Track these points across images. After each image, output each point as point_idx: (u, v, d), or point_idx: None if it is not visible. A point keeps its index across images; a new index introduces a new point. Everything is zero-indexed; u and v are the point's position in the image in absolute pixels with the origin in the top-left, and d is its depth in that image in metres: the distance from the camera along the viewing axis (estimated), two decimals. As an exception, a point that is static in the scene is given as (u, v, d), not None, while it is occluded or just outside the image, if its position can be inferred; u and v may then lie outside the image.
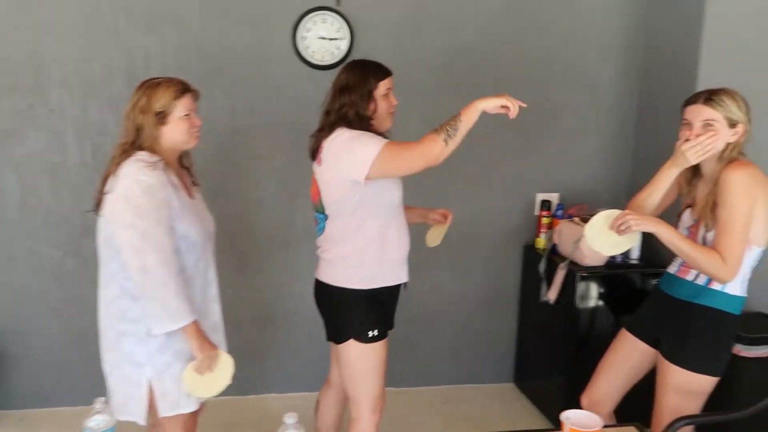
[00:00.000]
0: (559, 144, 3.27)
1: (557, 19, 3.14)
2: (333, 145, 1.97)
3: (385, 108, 2.05)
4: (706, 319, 1.95)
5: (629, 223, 1.85)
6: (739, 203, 1.81)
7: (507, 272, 3.36)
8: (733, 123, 1.87)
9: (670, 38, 3.01)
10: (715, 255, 1.82)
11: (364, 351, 2.08)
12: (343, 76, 2.04)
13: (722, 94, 1.88)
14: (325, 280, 2.14)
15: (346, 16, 2.95)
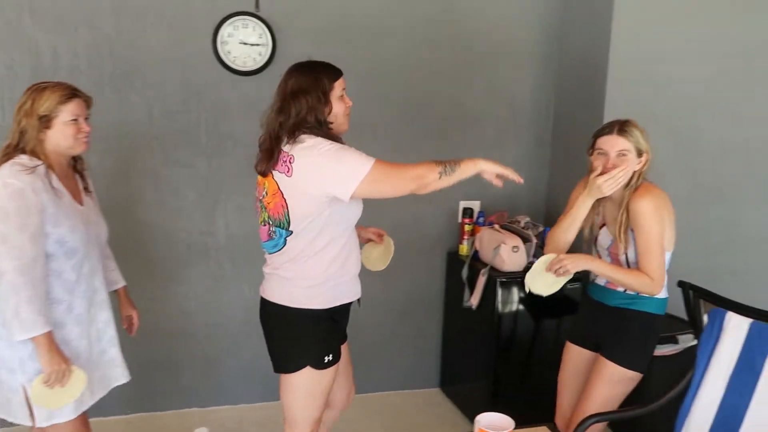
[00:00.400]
0: (480, 153, 3.28)
1: (479, 32, 3.22)
2: (310, 156, 1.78)
3: (342, 110, 1.91)
4: (639, 323, 2.12)
5: (567, 267, 1.99)
6: (653, 228, 1.98)
7: (432, 279, 3.40)
8: (640, 152, 2.03)
9: (582, 55, 3.16)
10: (643, 276, 2.00)
11: (317, 377, 1.95)
12: (293, 80, 1.87)
13: (631, 125, 2.04)
14: (279, 301, 1.94)
15: (268, 21, 2.92)
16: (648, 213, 1.98)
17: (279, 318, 1.95)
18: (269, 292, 1.98)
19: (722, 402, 1.71)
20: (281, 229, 1.87)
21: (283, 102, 1.85)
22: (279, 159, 1.82)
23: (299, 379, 1.95)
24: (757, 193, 3.28)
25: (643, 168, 2.05)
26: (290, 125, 1.82)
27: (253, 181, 3.03)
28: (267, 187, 1.88)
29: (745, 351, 1.70)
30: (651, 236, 1.98)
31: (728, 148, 3.19)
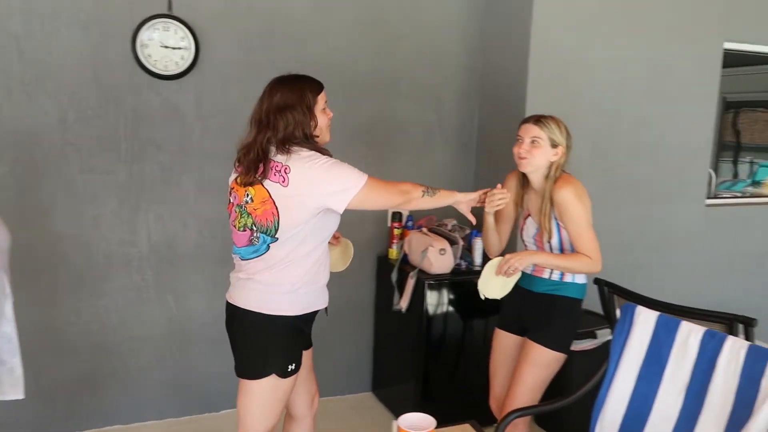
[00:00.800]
0: (407, 157, 3.41)
1: (404, 39, 3.28)
2: (308, 168, 1.83)
3: (325, 122, 1.97)
4: (563, 307, 2.26)
5: (515, 265, 2.11)
6: (579, 213, 2.14)
7: (362, 283, 3.42)
8: (554, 144, 2.17)
9: (503, 64, 3.28)
10: (583, 257, 2.14)
11: (279, 385, 1.95)
12: (277, 94, 1.89)
13: (549, 118, 2.21)
14: (251, 308, 1.93)
15: (191, 25, 2.86)
16: (571, 199, 2.12)
17: (249, 324, 1.95)
18: (241, 298, 1.97)
19: (634, 392, 1.82)
20: (266, 235, 1.89)
21: (268, 117, 1.88)
22: (271, 169, 1.85)
23: (262, 386, 1.94)
24: (664, 193, 3.51)
25: (560, 160, 2.18)
26: (279, 140, 1.86)
27: (178, 188, 2.99)
28: (253, 194, 1.88)
29: (653, 343, 1.81)
30: (579, 220, 2.13)
31: (638, 150, 3.40)
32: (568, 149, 2.21)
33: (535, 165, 2.18)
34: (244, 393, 1.99)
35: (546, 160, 2.18)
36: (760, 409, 1.54)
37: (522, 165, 2.19)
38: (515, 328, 2.37)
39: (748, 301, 3.76)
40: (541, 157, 2.17)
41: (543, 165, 2.19)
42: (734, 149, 4.27)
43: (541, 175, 2.21)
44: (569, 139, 2.21)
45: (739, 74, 3.99)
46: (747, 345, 1.64)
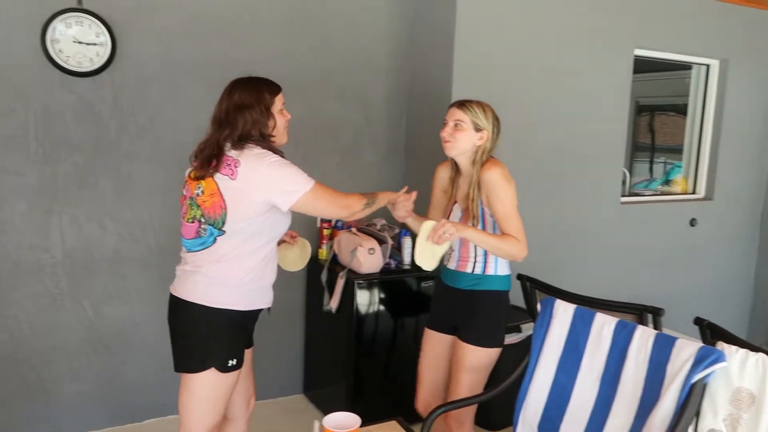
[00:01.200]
0: (336, 158, 3.40)
1: (334, 41, 3.27)
2: (257, 164, 1.87)
3: (283, 123, 2.01)
4: (488, 301, 2.24)
5: (450, 231, 2.04)
6: (507, 194, 2.13)
7: (292, 284, 3.39)
8: (478, 128, 2.17)
9: (429, 65, 3.33)
10: (511, 238, 2.12)
11: (220, 381, 1.94)
12: (236, 95, 1.94)
13: (474, 103, 2.20)
14: (196, 300, 1.94)
15: (107, 20, 2.74)
16: (499, 179, 2.12)
17: (193, 317, 1.95)
18: (185, 290, 1.97)
19: (554, 382, 1.90)
20: (214, 228, 1.91)
21: (227, 116, 1.93)
22: (223, 163, 1.89)
23: (201, 381, 1.93)
24: (581, 192, 3.67)
25: (485, 144, 2.17)
26: (236, 138, 1.90)
27: (94, 189, 2.86)
28: (204, 186, 1.92)
29: (570, 334, 1.90)
30: (507, 201, 2.12)
31: (557, 151, 3.54)
32: (496, 135, 2.20)
33: (459, 148, 2.17)
34: (184, 389, 1.97)
35: (470, 144, 2.17)
36: (666, 393, 1.65)
37: (446, 148, 2.19)
38: (445, 327, 2.36)
39: (659, 292, 4.01)
40: (464, 140, 2.16)
41: (468, 149, 2.17)
42: (649, 150, 4.55)
43: (467, 160, 2.20)
44: (497, 125, 2.21)
45: (649, 79, 4.26)
46: (655, 333, 1.74)
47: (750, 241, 4.44)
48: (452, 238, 2.06)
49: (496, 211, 2.14)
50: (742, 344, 1.65)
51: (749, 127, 4.26)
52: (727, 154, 4.19)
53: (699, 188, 4.25)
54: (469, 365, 2.21)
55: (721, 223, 4.26)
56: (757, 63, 4.17)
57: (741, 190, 4.31)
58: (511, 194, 2.15)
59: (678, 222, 4.09)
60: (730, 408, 1.60)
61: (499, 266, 2.25)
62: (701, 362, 1.60)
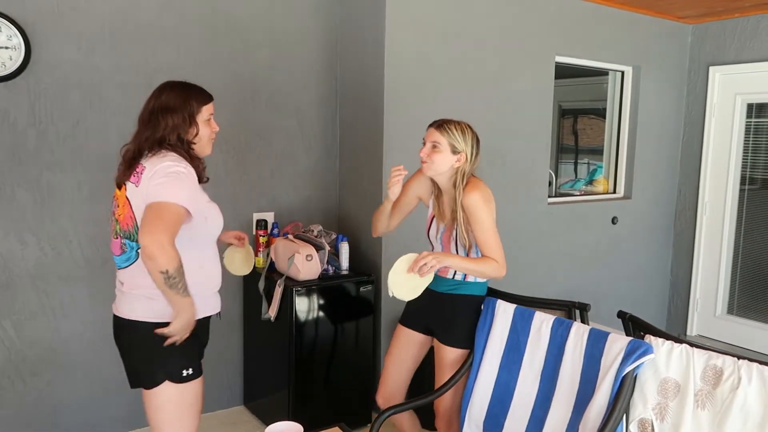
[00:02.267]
0: (270, 164, 3.36)
1: (260, 46, 3.23)
2: (155, 168, 1.80)
3: (207, 134, 1.96)
4: (466, 305, 2.28)
5: (432, 263, 2.03)
6: (486, 217, 2.15)
7: (229, 294, 3.31)
8: (455, 150, 2.17)
9: (360, 70, 3.35)
10: (491, 261, 2.14)
11: (180, 392, 1.88)
12: (163, 96, 1.90)
13: (453, 124, 2.19)
14: (134, 317, 1.88)
15: (20, 23, 2.59)
16: (478, 204, 2.13)
17: (134, 333, 1.90)
18: (124, 309, 1.92)
19: (497, 380, 1.96)
20: (131, 241, 1.86)
21: (151, 116, 1.89)
22: (132, 170, 1.85)
23: (160, 396, 1.89)
24: (511, 193, 3.80)
25: (464, 166, 2.18)
26: (154, 140, 1.86)
27: (11, 202, 2.69)
28: (118, 198, 1.88)
29: (512, 333, 1.97)
30: (485, 225, 2.14)
31: (486, 154, 3.62)
32: (475, 156, 2.21)
33: (436, 170, 2.17)
34: (148, 407, 1.92)
35: (447, 166, 2.17)
36: (600, 386, 1.74)
37: (423, 168, 2.20)
38: (419, 326, 2.38)
39: (585, 288, 4.21)
40: (441, 162, 2.16)
41: (445, 171, 2.18)
42: (573, 152, 4.76)
43: (446, 180, 2.21)
44: (476, 147, 2.21)
45: (571, 84, 4.46)
46: (589, 329, 1.84)
47: (666, 237, 4.74)
48: (434, 270, 2.06)
49: (476, 235, 2.17)
50: (667, 336, 1.77)
51: (662, 130, 4.55)
52: (642, 155, 4.45)
53: (619, 188, 4.49)
54: (449, 364, 2.26)
55: (640, 221, 4.53)
56: (666, 69, 4.47)
57: (656, 189, 4.60)
58: (490, 217, 2.16)
59: (601, 220, 4.31)
60: (658, 397, 1.70)
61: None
62: (631, 355, 1.70)
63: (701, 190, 4.56)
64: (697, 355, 1.67)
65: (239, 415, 3.37)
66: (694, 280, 4.64)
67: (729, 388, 1.59)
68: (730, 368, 1.61)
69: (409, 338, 2.41)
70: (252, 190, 3.31)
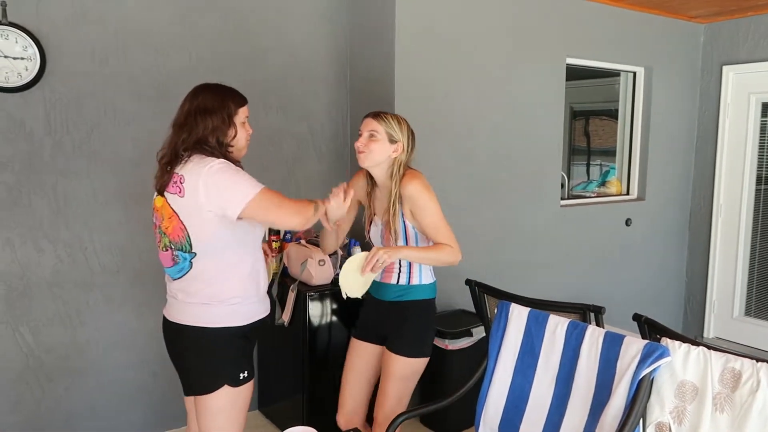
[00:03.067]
0: (281, 170, 3.38)
1: (271, 52, 3.24)
2: (201, 174, 1.77)
3: (244, 136, 1.95)
4: (416, 311, 2.24)
5: (384, 258, 2.03)
6: (431, 204, 2.12)
7: (241, 300, 3.32)
8: (393, 140, 2.15)
9: (370, 75, 3.36)
10: (446, 247, 2.13)
11: (235, 395, 1.91)
12: (200, 98, 1.88)
13: (389, 114, 2.18)
14: (188, 321, 1.88)
15: (35, 33, 2.62)
16: (422, 192, 2.10)
17: (192, 340, 1.90)
18: (180, 315, 1.91)
19: (511, 384, 1.95)
20: (184, 252, 1.85)
21: (187, 118, 1.86)
22: (170, 180, 1.82)
23: (217, 401, 1.90)
24: (523, 195, 3.79)
25: (401, 157, 2.15)
26: (191, 142, 1.83)
27: (29, 210, 2.72)
28: (161, 212, 1.87)
29: (526, 336, 1.96)
30: (433, 211, 2.11)
31: (498, 156, 3.64)
32: (411, 148, 2.18)
33: (373, 160, 2.14)
34: (203, 412, 1.92)
35: (385, 156, 2.14)
36: (617, 389, 1.72)
37: (360, 159, 2.15)
38: (373, 337, 2.34)
39: (599, 290, 4.18)
40: (379, 152, 2.13)
41: (382, 160, 2.14)
42: (585, 153, 4.74)
43: (383, 172, 2.18)
44: (412, 139, 2.18)
45: (582, 86, 4.44)
46: (604, 332, 1.82)
47: (681, 238, 4.70)
48: (386, 264, 2.06)
49: (425, 223, 2.13)
50: (683, 339, 1.75)
51: (675, 130, 4.51)
52: (656, 155, 4.42)
53: (632, 189, 4.46)
54: (398, 375, 2.22)
55: (654, 223, 4.49)
56: (678, 69, 4.44)
57: (670, 190, 4.56)
58: (435, 203, 2.13)
59: (615, 222, 4.28)
60: (676, 401, 1.69)
61: (424, 275, 2.25)
62: (648, 358, 1.68)
63: (716, 190, 4.52)
64: (715, 357, 1.65)
65: (254, 419, 3.38)
66: (711, 282, 4.59)
67: (748, 392, 1.57)
68: (748, 371, 1.59)
69: (365, 350, 2.36)
70: (264, 196, 3.32)
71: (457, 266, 2.30)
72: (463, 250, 2.33)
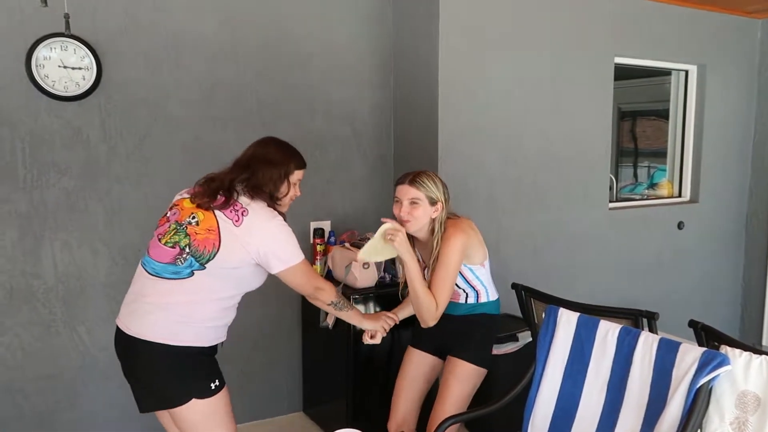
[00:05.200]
0: (326, 174, 3.40)
1: (315, 57, 3.28)
2: (265, 221, 1.92)
3: (292, 195, 2.06)
4: (482, 324, 2.31)
5: (398, 236, 2.10)
6: (452, 263, 2.15)
7: (287, 302, 3.37)
8: (433, 201, 2.19)
9: (414, 78, 3.36)
10: (432, 302, 2.14)
11: (208, 406, 1.91)
12: (268, 148, 2.02)
13: (423, 176, 2.20)
14: (153, 338, 1.86)
15: (92, 44, 2.72)
16: (453, 250, 2.14)
17: (156, 356, 1.87)
18: (142, 328, 1.87)
19: (560, 390, 1.91)
20: (196, 260, 1.87)
21: (250, 162, 1.97)
22: (231, 205, 1.91)
23: (192, 414, 1.90)
24: (570, 199, 3.71)
25: (441, 215, 2.20)
26: (250, 185, 1.94)
27: (85, 214, 2.82)
28: (201, 218, 1.90)
29: (575, 342, 1.91)
30: (450, 270, 2.14)
31: (544, 159, 3.58)
32: (447, 201, 2.22)
33: (418, 225, 2.19)
34: (181, 425, 1.93)
35: (427, 218, 2.19)
36: (673, 398, 1.67)
37: (407, 227, 2.18)
38: (431, 347, 2.38)
39: (649, 295, 4.06)
40: (422, 216, 2.17)
41: (426, 222, 2.20)
42: (633, 155, 4.62)
43: (425, 232, 2.22)
44: (446, 192, 2.23)
45: (630, 86, 4.33)
46: (658, 339, 1.76)
47: (737, 242, 4.51)
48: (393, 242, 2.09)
49: (435, 272, 2.16)
50: (744, 347, 1.68)
51: (730, 130, 4.35)
52: (709, 157, 4.27)
53: (684, 191, 4.32)
54: (459, 376, 2.25)
55: (708, 226, 4.33)
56: (733, 67, 4.27)
57: (725, 192, 4.39)
58: (456, 264, 2.16)
59: (666, 225, 4.15)
60: (737, 411, 1.62)
61: (490, 293, 2.32)
62: (706, 366, 1.62)
63: (774, 192, 4.33)
64: (778, 367, 1.58)
65: (299, 421, 3.41)
66: (769, 288, 4.40)
67: (814, 403, 1.50)
68: (814, 381, 1.51)
69: (420, 359, 2.40)
70: (309, 200, 3.36)
71: (502, 270, 2.29)
72: (508, 254, 2.32)
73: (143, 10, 2.84)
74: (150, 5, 2.85)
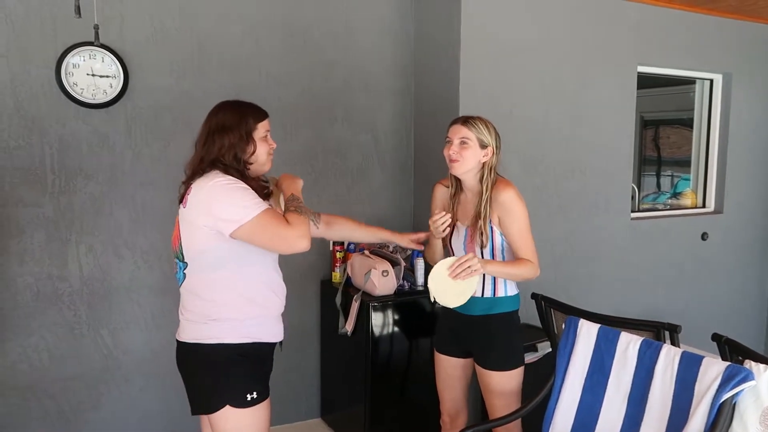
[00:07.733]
0: (347, 181, 3.42)
1: (336, 64, 3.31)
2: (205, 188, 1.77)
3: (265, 150, 1.90)
4: (502, 324, 2.23)
5: (476, 267, 2.00)
6: (523, 214, 2.14)
7: (306, 308, 3.39)
8: (483, 144, 2.15)
9: (435, 86, 3.37)
10: (528, 263, 2.12)
11: (242, 417, 1.81)
12: (219, 115, 1.87)
13: (477, 119, 2.17)
14: (188, 339, 1.86)
15: (119, 52, 2.78)
16: (516, 201, 2.11)
17: (190, 357, 1.88)
18: (182, 333, 1.91)
19: (580, 402, 1.89)
20: (179, 261, 1.87)
21: (207, 137, 1.86)
22: (187, 192, 1.84)
23: (223, 421, 1.82)
24: (591, 208, 3.68)
25: (491, 161, 2.14)
26: (210, 159, 1.83)
27: (110, 219, 2.89)
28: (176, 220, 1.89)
29: (596, 354, 1.90)
30: (523, 223, 2.12)
31: (566, 167, 3.56)
32: (498, 150, 2.17)
33: (466, 167, 2.13)
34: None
35: (476, 161, 2.13)
36: (695, 413, 1.64)
37: (454, 168, 2.14)
38: (456, 351, 2.33)
39: (671, 307, 4.00)
40: (471, 158, 2.12)
41: (474, 166, 2.14)
42: (656, 164, 4.56)
43: (473, 178, 2.17)
44: (498, 140, 2.18)
45: (653, 95, 4.29)
46: (681, 352, 1.74)
47: (763, 254, 4.43)
48: (477, 273, 2.02)
49: (511, 232, 2.12)
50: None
51: (756, 140, 4.28)
52: (735, 167, 4.20)
53: (709, 202, 4.26)
54: (499, 391, 2.20)
55: (733, 237, 4.26)
56: (761, 76, 4.21)
57: (751, 203, 4.32)
58: (526, 215, 2.14)
59: (689, 236, 4.09)
60: (761, 427, 1.59)
61: (509, 287, 2.24)
62: (729, 381, 1.60)
63: (802, 203, 4.25)
64: (804, 383, 1.55)
65: (316, 427, 3.42)
66: (796, 301, 4.31)
67: (841, 421, 1.47)
68: (842, 399, 1.48)
69: (451, 364, 2.35)
70: (329, 206, 3.38)
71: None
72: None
73: (169, 20, 2.90)
74: (176, 15, 2.91)
